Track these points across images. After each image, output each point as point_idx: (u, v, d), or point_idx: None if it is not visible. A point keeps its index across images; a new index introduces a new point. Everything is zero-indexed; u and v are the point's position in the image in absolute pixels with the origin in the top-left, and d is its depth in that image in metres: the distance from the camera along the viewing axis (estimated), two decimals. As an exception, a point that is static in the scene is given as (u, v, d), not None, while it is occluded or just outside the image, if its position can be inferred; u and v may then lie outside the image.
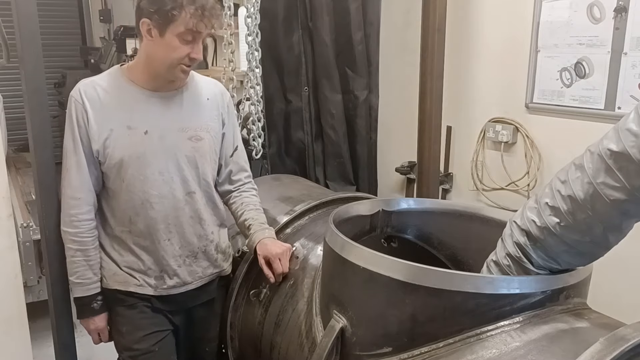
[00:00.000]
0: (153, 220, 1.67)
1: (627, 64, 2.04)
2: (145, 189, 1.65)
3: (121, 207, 1.68)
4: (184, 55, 1.56)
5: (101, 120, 1.61)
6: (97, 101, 1.62)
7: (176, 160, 1.67)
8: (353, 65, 2.76)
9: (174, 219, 1.69)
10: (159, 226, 1.68)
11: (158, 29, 1.54)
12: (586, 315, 1.14)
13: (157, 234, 1.68)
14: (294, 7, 2.70)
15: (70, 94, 1.65)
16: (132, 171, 1.63)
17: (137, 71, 1.66)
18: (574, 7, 2.19)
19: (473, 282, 1.09)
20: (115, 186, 1.67)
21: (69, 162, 1.64)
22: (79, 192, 1.65)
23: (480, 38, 2.58)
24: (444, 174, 2.81)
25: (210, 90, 1.78)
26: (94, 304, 1.71)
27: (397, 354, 1.17)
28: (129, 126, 1.63)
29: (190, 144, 1.69)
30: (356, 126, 2.86)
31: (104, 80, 1.66)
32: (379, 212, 1.62)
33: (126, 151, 1.62)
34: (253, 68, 2.31)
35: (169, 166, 1.66)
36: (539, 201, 1.14)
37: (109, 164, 1.64)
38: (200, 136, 1.71)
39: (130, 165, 1.63)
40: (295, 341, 1.59)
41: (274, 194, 2.15)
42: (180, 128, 1.68)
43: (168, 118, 1.67)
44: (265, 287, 1.76)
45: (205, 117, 1.73)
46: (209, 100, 1.76)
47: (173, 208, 1.69)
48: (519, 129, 2.45)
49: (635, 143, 0.97)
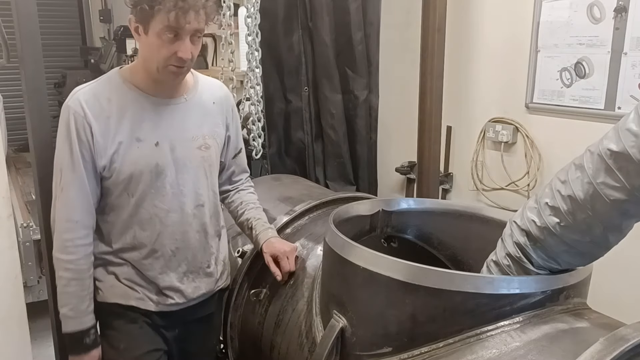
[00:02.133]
0: (160, 235, 1.56)
1: (627, 64, 2.04)
2: (155, 203, 1.54)
3: (125, 222, 1.55)
4: (169, 54, 1.41)
5: (108, 133, 1.47)
6: (101, 112, 1.47)
7: (187, 172, 1.57)
8: (353, 65, 2.76)
9: (181, 234, 1.59)
10: (165, 241, 1.57)
11: (142, 26, 1.41)
12: (586, 315, 1.14)
13: (162, 249, 1.57)
14: (294, 7, 2.70)
15: (65, 104, 1.48)
16: (143, 186, 1.51)
17: (139, 75, 1.52)
18: (574, 7, 2.19)
19: (473, 282, 1.09)
20: (120, 201, 1.54)
21: (65, 180, 1.48)
22: (77, 213, 1.49)
23: (480, 38, 2.58)
24: (444, 174, 2.81)
25: (216, 93, 1.68)
26: (86, 339, 1.54)
27: (397, 354, 1.17)
28: (138, 138, 1.49)
29: (199, 153, 1.59)
30: (356, 126, 2.86)
31: (104, 87, 1.51)
32: (379, 212, 1.62)
33: (137, 165, 1.50)
34: (253, 68, 2.31)
35: (179, 179, 1.56)
36: (539, 201, 1.14)
37: (115, 179, 1.50)
38: (208, 144, 1.61)
39: (141, 179, 1.51)
40: (295, 341, 1.59)
41: (274, 194, 2.16)
42: (189, 137, 1.57)
43: (177, 127, 1.55)
44: (265, 287, 1.76)
45: (212, 124, 1.64)
46: (215, 105, 1.65)
47: (181, 223, 1.58)
48: (519, 129, 2.45)
49: (635, 143, 0.97)
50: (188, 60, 1.44)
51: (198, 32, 1.44)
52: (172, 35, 1.39)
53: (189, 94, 1.60)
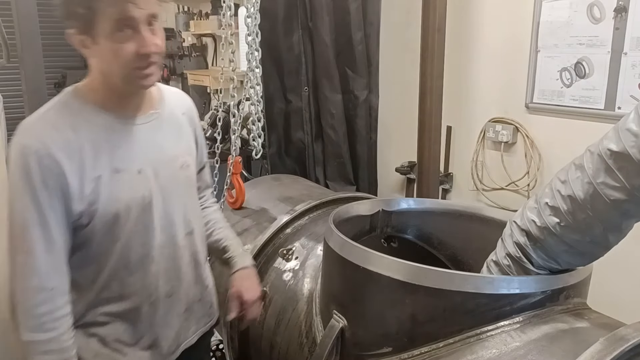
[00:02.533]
0: (153, 276, 1.33)
1: (627, 64, 2.04)
2: (145, 240, 1.30)
3: (108, 272, 1.28)
4: (130, 56, 1.16)
5: (82, 169, 1.19)
6: (68, 145, 1.18)
7: (175, 198, 1.36)
8: (353, 65, 2.76)
9: (174, 270, 1.38)
10: (159, 282, 1.35)
11: (87, 35, 1.16)
12: (586, 315, 1.14)
13: (156, 292, 1.34)
14: (294, 7, 2.70)
15: (17, 143, 1.17)
16: (131, 225, 1.27)
17: (100, 94, 1.25)
18: (574, 7, 2.19)
19: (473, 282, 1.09)
20: (102, 250, 1.26)
21: (30, 240, 1.17)
22: (51, 279, 1.19)
23: (480, 38, 2.58)
24: (444, 174, 2.81)
25: (182, 103, 1.46)
26: None
27: (397, 354, 1.17)
28: (117, 168, 1.23)
29: (182, 173, 1.39)
30: (356, 126, 2.86)
31: (63, 114, 1.21)
32: (379, 212, 1.62)
33: (120, 201, 1.24)
34: (253, 68, 2.30)
35: (168, 208, 1.34)
36: (539, 201, 1.14)
37: (96, 224, 1.23)
38: (188, 162, 1.41)
39: (128, 218, 1.26)
40: (295, 341, 1.59)
41: (274, 194, 2.16)
42: (170, 157, 1.36)
43: (156, 148, 1.32)
44: (265, 287, 1.76)
45: (187, 138, 1.44)
46: (184, 116, 1.44)
47: (173, 257, 1.37)
48: (519, 129, 2.45)
49: (635, 143, 0.97)
50: (154, 55, 1.20)
51: (153, 17, 1.19)
52: (125, 32, 1.15)
53: (158, 107, 1.36)
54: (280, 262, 1.79)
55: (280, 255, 1.80)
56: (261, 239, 1.84)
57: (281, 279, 1.75)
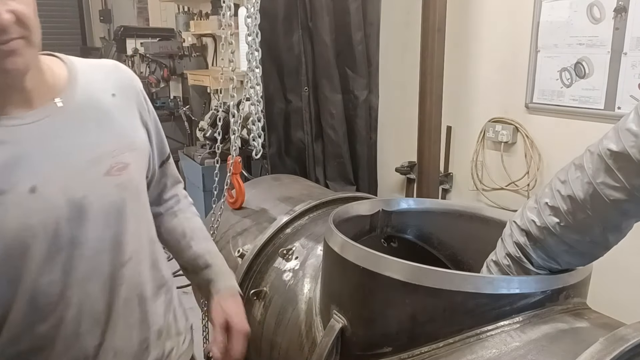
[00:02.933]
0: (72, 324, 1.02)
1: (627, 64, 2.04)
2: (56, 278, 0.99)
3: (14, 319, 0.99)
4: None
5: None
6: None
7: (96, 218, 1.02)
8: (353, 65, 2.76)
9: (103, 313, 1.06)
10: (81, 330, 1.03)
11: None
12: (586, 315, 1.14)
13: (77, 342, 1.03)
14: (294, 7, 2.70)
15: None
16: (35, 261, 0.96)
17: None
18: (574, 7, 2.19)
19: (473, 282, 1.09)
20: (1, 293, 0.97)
21: None
22: None
23: (480, 38, 2.58)
24: (444, 174, 2.81)
25: (112, 79, 1.10)
26: None
27: (397, 354, 1.17)
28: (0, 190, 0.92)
29: (112, 181, 1.04)
30: (356, 126, 2.86)
31: None
32: (379, 212, 1.62)
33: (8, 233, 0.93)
34: (253, 68, 2.30)
35: (84, 234, 1.00)
36: (539, 201, 1.14)
37: None
38: (123, 162, 1.06)
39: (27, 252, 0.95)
40: (295, 341, 1.59)
41: (274, 194, 2.16)
42: (87, 161, 1.01)
43: (60, 152, 0.98)
44: (265, 287, 1.76)
45: (120, 126, 1.08)
46: (116, 97, 1.08)
47: (102, 296, 1.05)
48: (519, 129, 2.45)
49: (635, 143, 0.97)
50: (10, 26, 0.87)
51: None
52: None
53: (63, 93, 1.03)
54: (280, 262, 1.79)
55: (280, 255, 1.80)
56: (261, 239, 1.84)
57: (281, 279, 1.75)
